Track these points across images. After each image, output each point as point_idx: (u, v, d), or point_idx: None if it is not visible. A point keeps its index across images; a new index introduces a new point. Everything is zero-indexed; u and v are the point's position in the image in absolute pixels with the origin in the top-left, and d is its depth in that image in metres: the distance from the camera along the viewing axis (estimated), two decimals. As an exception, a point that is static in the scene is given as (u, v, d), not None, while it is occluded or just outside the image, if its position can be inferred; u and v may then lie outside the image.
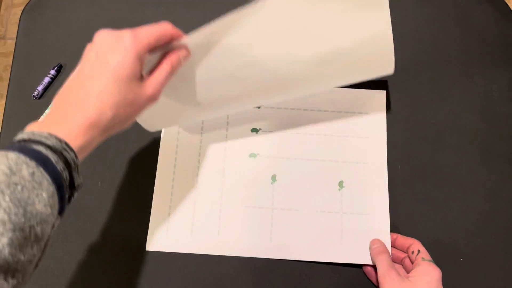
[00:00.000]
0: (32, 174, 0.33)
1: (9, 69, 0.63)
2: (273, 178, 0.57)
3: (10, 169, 0.32)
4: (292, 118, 0.59)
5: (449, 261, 0.55)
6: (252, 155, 0.58)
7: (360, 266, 0.55)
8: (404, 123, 0.59)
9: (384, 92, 0.60)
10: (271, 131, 0.59)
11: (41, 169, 0.34)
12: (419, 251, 0.51)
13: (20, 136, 0.36)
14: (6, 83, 0.67)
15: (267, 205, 0.56)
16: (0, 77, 1.37)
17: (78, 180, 0.38)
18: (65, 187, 0.36)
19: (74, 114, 0.38)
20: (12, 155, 0.33)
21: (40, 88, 0.61)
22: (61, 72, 0.62)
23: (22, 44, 0.63)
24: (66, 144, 0.36)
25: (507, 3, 0.65)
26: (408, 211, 0.56)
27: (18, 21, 0.65)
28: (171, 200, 0.57)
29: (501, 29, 0.63)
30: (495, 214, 0.56)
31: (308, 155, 0.58)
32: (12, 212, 0.31)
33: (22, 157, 0.33)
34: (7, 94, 0.63)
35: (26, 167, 0.33)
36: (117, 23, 0.64)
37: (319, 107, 0.59)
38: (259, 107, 0.59)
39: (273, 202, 0.56)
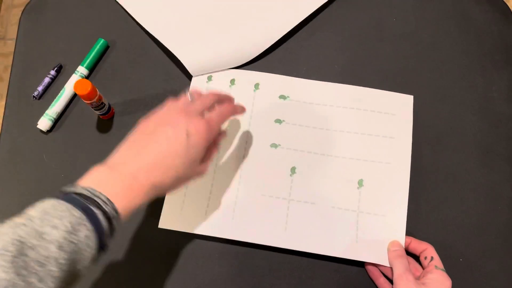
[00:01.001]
0: (87, 237, 0.37)
1: (9, 69, 0.64)
2: (293, 170, 0.57)
3: (73, 227, 0.36)
4: (317, 112, 0.59)
5: (449, 261, 0.55)
6: (274, 145, 0.58)
7: (361, 265, 0.55)
8: (404, 123, 0.59)
9: (411, 97, 0.59)
10: (294, 124, 0.59)
11: (94, 235, 0.38)
12: (432, 257, 0.51)
13: (81, 188, 0.39)
14: (6, 84, 0.67)
15: (284, 195, 0.56)
16: (0, 78, 1.38)
17: (108, 243, 0.41)
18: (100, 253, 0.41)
19: (142, 174, 0.42)
20: (76, 213, 0.37)
21: (40, 88, 0.61)
22: (61, 72, 0.62)
23: (22, 44, 0.63)
24: (118, 215, 0.40)
25: (507, 3, 0.65)
26: (408, 211, 0.56)
27: (18, 21, 0.65)
28: None
29: (501, 29, 0.63)
30: (495, 214, 0.56)
31: (330, 151, 0.57)
32: (64, 269, 0.35)
33: (84, 218, 0.37)
34: (7, 95, 0.63)
35: (85, 229, 0.37)
36: (117, 24, 0.64)
37: (345, 104, 0.59)
38: (284, 99, 0.60)
39: (290, 193, 0.56)
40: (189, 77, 0.61)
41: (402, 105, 0.59)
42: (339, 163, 0.57)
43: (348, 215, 0.55)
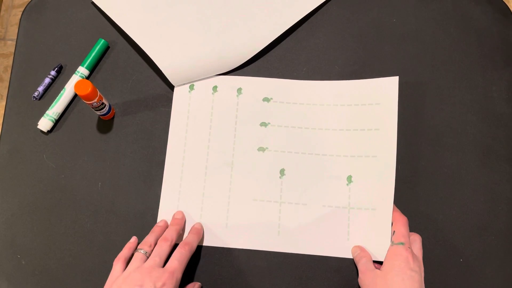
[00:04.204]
0: None
1: (9, 70, 0.64)
2: (282, 172, 0.57)
3: None
4: (302, 112, 0.59)
5: (449, 261, 0.55)
6: (261, 149, 0.58)
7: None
8: (404, 123, 0.59)
9: (396, 78, 0.58)
10: (280, 125, 0.59)
11: None
12: (393, 232, 0.51)
13: None
14: (6, 84, 0.67)
15: (275, 199, 0.56)
16: (0, 78, 1.38)
17: None
18: None
19: None
20: None
21: (40, 88, 0.61)
22: (61, 72, 0.62)
23: (23, 45, 0.63)
24: None
25: (507, 3, 0.65)
26: (408, 210, 0.56)
27: (18, 22, 0.65)
28: (180, 192, 0.57)
29: (501, 29, 0.63)
30: (495, 214, 0.56)
31: (317, 150, 0.58)
32: None
33: None
34: (7, 95, 0.63)
35: None
36: (117, 25, 0.64)
37: (329, 101, 0.59)
38: (268, 101, 0.60)
39: (281, 196, 0.56)
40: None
41: (387, 90, 0.58)
42: (327, 161, 0.57)
43: (339, 213, 0.55)
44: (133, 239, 0.55)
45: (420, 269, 0.48)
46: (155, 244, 0.52)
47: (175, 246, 0.52)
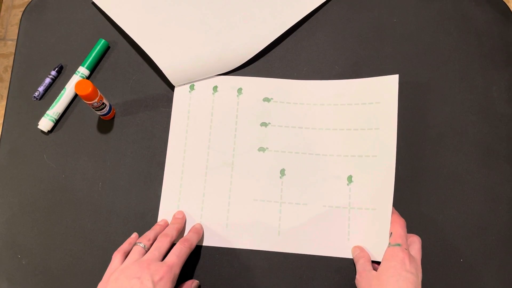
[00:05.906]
0: None
1: (10, 70, 0.64)
2: (282, 172, 0.57)
3: None
4: (302, 112, 0.59)
5: (449, 261, 0.55)
6: (261, 149, 0.58)
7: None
8: (405, 123, 0.59)
9: (396, 76, 0.58)
10: (280, 125, 0.59)
11: None
12: (391, 233, 0.51)
13: None
14: (6, 84, 0.67)
15: (276, 199, 0.56)
16: (0, 78, 1.38)
17: None
18: None
19: None
20: None
21: (40, 89, 0.61)
22: (62, 72, 0.62)
23: (23, 45, 0.64)
24: None
25: (507, 3, 0.65)
26: (408, 211, 0.56)
27: (18, 22, 0.65)
28: (180, 192, 0.57)
29: (501, 29, 0.63)
30: (495, 214, 0.56)
31: (317, 150, 0.58)
32: None
33: None
34: (7, 95, 0.63)
35: None
36: (118, 25, 0.64)
37: (329, 101, 0.59)
38: (268, 101, 0.60)
39: (281, 196, 0.57)
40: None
41: (387, 88, 0.58)
42: (328, 161, 0.57)
43: (340, 213, 0.55)
44: (134, 235, 0.55)
45: (417, 271, 0.48)
46: (155, 239, 0.52)
47: (174, 244, 0.52)
